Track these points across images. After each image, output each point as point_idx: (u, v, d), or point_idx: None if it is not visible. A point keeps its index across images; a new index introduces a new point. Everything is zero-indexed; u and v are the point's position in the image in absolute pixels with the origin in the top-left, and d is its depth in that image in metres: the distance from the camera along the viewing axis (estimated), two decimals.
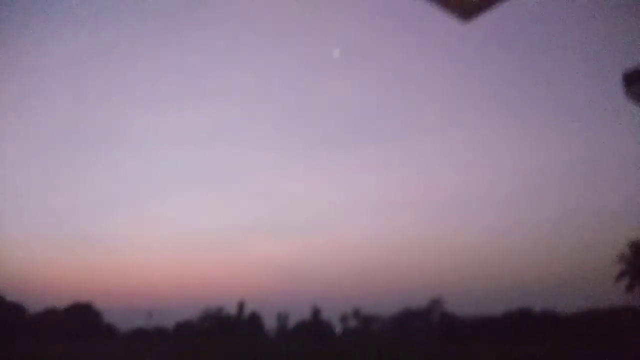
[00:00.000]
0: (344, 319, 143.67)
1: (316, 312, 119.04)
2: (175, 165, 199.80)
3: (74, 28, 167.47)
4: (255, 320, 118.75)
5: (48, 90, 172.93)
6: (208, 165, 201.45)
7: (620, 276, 63.57)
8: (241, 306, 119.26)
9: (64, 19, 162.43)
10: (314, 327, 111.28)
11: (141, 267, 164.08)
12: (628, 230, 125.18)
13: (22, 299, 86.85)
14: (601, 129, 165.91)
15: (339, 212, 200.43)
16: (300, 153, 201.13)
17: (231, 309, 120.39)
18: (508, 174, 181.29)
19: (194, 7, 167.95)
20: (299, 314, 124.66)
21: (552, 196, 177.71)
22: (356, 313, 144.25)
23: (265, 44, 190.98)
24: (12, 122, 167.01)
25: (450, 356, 30.36)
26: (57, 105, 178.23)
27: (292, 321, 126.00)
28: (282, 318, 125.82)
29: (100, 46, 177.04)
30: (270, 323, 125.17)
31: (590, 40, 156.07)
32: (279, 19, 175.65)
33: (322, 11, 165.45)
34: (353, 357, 36.69)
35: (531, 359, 34.34)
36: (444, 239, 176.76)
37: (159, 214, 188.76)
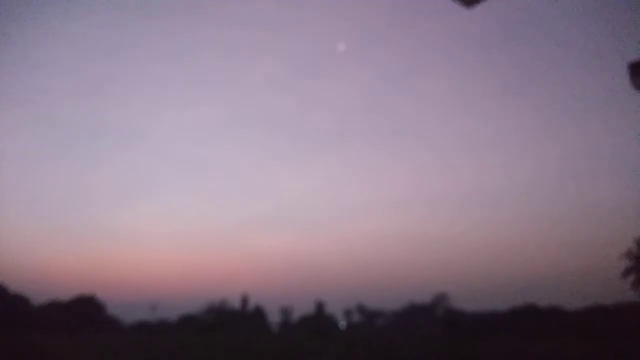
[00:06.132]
0: (347, 313, 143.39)
1: (320, 307, 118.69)
2: (180, 161, 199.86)
3: (88, 28, 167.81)
4: (258, 314, 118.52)
5: (63, 88, 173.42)
6: (213, 161, 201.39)
7: (627, 272, 62.87)
8: (245, 300, 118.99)
9: (78, 19, 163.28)
10: (318, 321, 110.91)
11: (145, 260, 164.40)
12: (635, 226, 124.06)
13: (26, 291, 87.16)
14: (608, 123, 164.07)
15: (344, 208, 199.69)
16: (307, 150, 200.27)
17: (235, 303, 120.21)
18: (519, 170, 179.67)
19: (196, 6, 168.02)
20: (302, 308, 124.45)
21: (560, 192, 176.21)
22: (360, 308, 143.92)
23: (272, 41, 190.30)
24: (24, 118, 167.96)
25: (455, 353, 29.81)
26: (67, 103, 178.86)
27: (296, 315, 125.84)
28: (285, 312, 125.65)
29: (112, 46, 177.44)
30: (273, 317, 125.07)
31: (592, 31, 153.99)
32: (278, 17, 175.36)
33: (316, 10, 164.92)
34: (357, 352, 36.21)
35: (538, 355, 33.77)
36: (450, 234, 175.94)
37: (164, 208, 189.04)
